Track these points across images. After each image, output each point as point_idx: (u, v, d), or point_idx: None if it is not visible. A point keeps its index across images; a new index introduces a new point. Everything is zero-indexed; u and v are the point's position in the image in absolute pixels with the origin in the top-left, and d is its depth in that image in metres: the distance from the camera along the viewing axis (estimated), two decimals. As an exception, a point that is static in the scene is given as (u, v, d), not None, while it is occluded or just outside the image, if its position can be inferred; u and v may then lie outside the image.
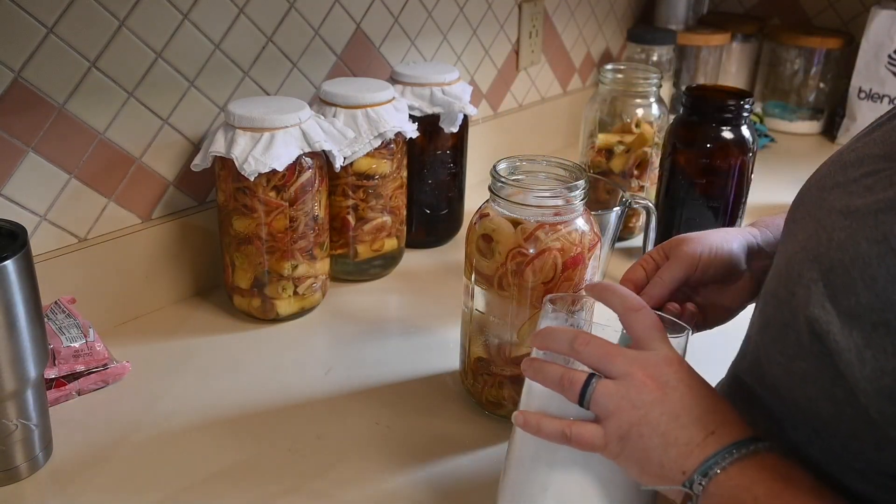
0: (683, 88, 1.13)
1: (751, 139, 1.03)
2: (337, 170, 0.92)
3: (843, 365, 0.45)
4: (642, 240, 1.02)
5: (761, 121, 1.70)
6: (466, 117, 1.09)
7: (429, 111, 1.05)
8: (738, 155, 1.03)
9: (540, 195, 0.69)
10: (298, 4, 1.00)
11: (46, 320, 0.78)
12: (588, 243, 0.70)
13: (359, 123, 0.94)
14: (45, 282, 0.72)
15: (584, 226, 0.70)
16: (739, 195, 1.06)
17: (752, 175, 1.07)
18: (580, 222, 0.70)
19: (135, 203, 0.91)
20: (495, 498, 0.61)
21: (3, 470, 0.68)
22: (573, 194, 0.69)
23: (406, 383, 0.84)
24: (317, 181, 0.89)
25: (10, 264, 0.62)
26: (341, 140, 0.92)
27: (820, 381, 0.47)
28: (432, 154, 1.10)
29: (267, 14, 0.97)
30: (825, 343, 0.46)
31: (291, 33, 1.01)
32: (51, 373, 0.77)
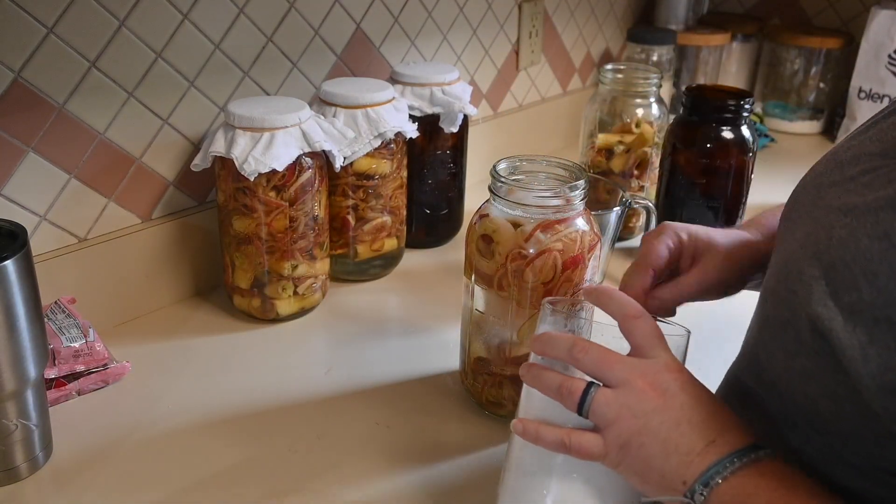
0: (683, 88, 1.13)
1: (751, 139, 1.03)
2: (337, 170, 0.92)
3: (846, 362, 0.45)
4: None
5: (761, 121, 1.70)
6: (466, 117, 1.09)
7: (429, 111, 1.04)
8: (738, 155, 1.03)
9: (540, 195, 0.69)
10: (298, 4, 1.00)
11: (46, 320, 0.78)
12: (588, 243, 0.70)
13: (359, 123, 0.94)
14: (45, 282, 0.72)
15: (584, 226, 0.70)
16: (739, 195, 1.06)
17: (752, 175, 1.07)
18: (580, 222, 0.70)
19: (135, 203, 0.91)
20: (494, 501, 0.61)
21: (3, 470, 0.68)
22: (573, 194, 0.69)
23: (406, 383, 0.84)
24: (317, 181, 0.89)
25: (10, 264, 0.62)
26: (341, 140, 0.92)
27: (820, 379, 0.47)
28: (432, 154, 1.10)
29: (267, 14, 0.97)
30: (828, 340, 0.46)
31: (291, 33, 1.01)
32: (51, 373, 0.77)
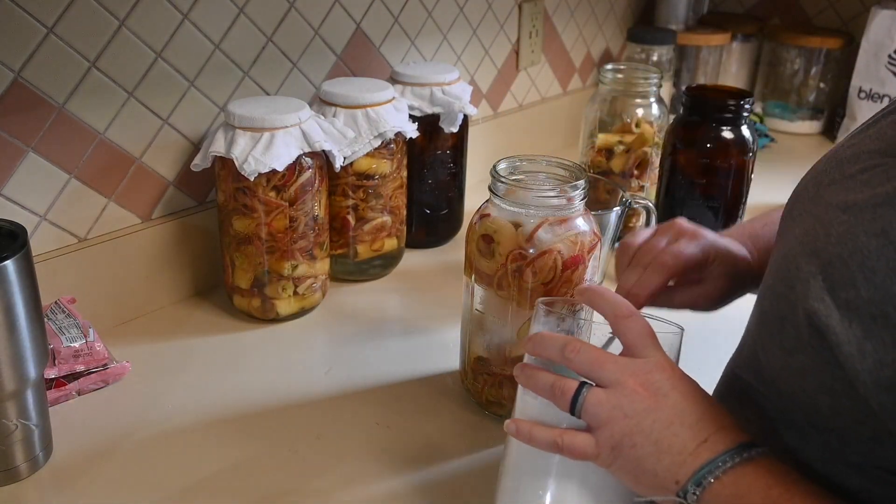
0: (683, 88, 1.13)
1: (751, 139, 1.03)
2: (337, 170, 0.92)
3: (843, 358, 0.45)
4: (642, 240, 1.02)
5: (761, 121, 1.70)
6: (466, 117, 1.09)
7: (429, 111, 1.04)
8: (738, 155, 1.03)
9: (540, 195, 0.69)
10: (298, 4, 1.00)
11: (46, 320, 0.78)
12: (588, 243, 0.70)
13: (359, 123, 0.94)
14: (45, 282, 0.72)
15: (584, 226, 0.70)
16: (739, 195, 1.06)
17: (752, 175, 1.07)
18: (580, 222, 0.70)
19: (135, 203, 0.91)
20: (493, 502, 0.61)
21: (3, 470, 0.68)
22: (573, 194, 0.69)
23: (406, 383, 0.84)
24: (317, 181, 0.89)
25: (10, 264, 0.62)
26: (341, 140, 0.92)
27: (818, 375, 0.47)
28: (432, 154, 1.10)
29: (267, 14, 0.97)
30: (824, 336, 0.46)
31: (291, 33, 1.01)
32: (51, 373, 0.77)
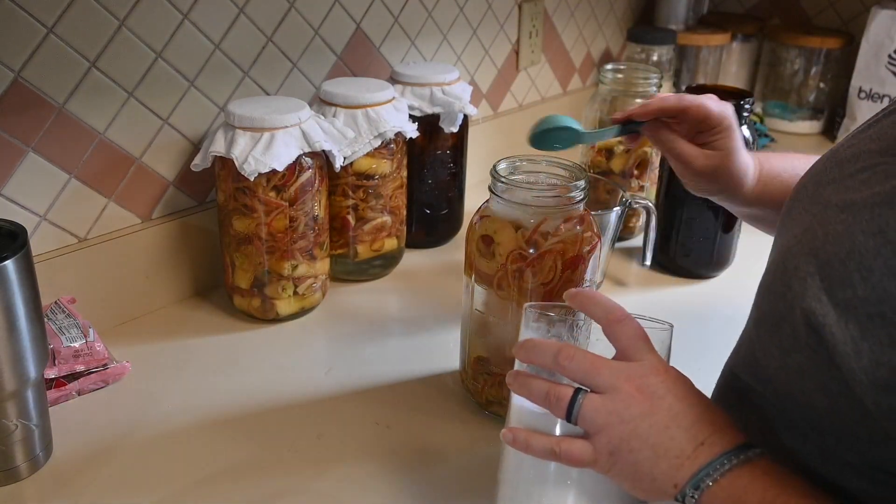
0: (683, 88, 1.12)
1: (751, 139, 1.03)
2: (337, 170, 0.92)
3: (839, 357, 0.45)
4: (642, 240, 1.02)
5: (761, 121, 1.70)
6: (466, 117, 1.09)
7: (429, 111, 1.04)
8: (738, 155, 1.03)
9: (540, 195, 0.69)
10: (298, 4, 1.00)
11: (46, 320, 0.78)
12: (588, 243, 0.70)
13: (359, 123, 0.94)
14: (45, 282, 0.72)
15: (584, 226, 0.70)
16: (739, 195, 1.06)
17: (752, 175, 1.06)
18: (580, 222, 0.70)
19: (135, 203, 0.91)
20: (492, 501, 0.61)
21: (3, 470, 0.68)
22: (573, 194, 0.69)
23: (406, 383, 0.84)
24: (317, 181, 0.89)
25: (10, 264, 0.62)
26: (341, 140, 0.92)
27: (815, 375, 0.47)
28: (432, 154, 1.10)
29: (267, 14, 0.97)
30: (821, 335, 0.46)
31: (291, 33, 1.01)
32: (51, 373, 0.77)
